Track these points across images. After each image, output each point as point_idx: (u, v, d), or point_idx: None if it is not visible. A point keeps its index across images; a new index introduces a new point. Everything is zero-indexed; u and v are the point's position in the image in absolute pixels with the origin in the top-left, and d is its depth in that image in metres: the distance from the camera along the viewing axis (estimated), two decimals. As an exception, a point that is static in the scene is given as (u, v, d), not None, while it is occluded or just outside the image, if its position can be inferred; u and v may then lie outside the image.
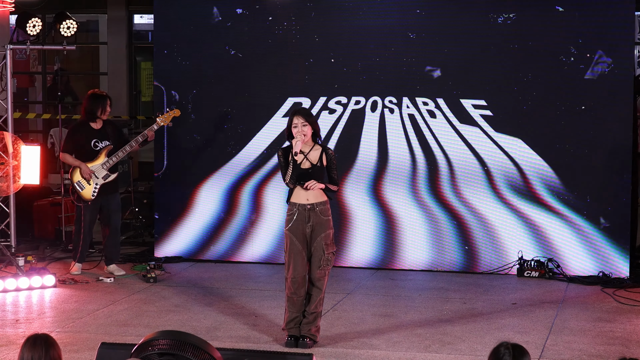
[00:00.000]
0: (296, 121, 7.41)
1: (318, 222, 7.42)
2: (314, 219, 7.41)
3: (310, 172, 7.42)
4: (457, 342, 7.69)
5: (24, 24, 10.25)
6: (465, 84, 10.02)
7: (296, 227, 7.42)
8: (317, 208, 7.42)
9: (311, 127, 7.43)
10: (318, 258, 7.43)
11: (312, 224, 7.41)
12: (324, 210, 7.44)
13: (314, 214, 7.41)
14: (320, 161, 7.46)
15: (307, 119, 7.43)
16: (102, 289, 9.48)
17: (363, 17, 10.21)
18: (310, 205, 7.41)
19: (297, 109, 7.60)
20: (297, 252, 7.44)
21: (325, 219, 7.44)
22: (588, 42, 9.67)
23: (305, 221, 7.42)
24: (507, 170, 9.97)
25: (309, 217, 7.41)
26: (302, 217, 7.42)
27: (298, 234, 7.43)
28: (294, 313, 7.48)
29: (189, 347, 4.70)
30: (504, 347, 4.32)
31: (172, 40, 10.69)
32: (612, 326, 8.12)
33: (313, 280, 7.48)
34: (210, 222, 10.69)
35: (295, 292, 7.45)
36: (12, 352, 7.31)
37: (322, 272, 7.44)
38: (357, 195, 10.34)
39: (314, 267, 7.46)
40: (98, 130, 9.89)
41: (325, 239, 7.42)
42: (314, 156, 7.48)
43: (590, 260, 9.80)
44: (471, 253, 10.11)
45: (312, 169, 7.43)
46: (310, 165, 7.45)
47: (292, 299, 7.46)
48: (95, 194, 9.80)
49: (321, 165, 7.46)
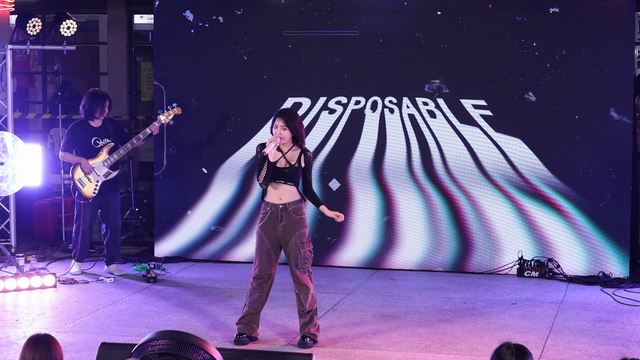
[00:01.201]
0: (277, 123, 7.46)
1: (291, 222, 7.46)
2: (287, 218, 7.46)
3: (286, 171, 7.47)
4: (457, 342, 7.69)
5: (24, 24, 10.26)
6: (465, 84, 10.02)
7: (267, 226, 7.48)
8: (290, 207, 7.46)
9: (290, 131, 7.45)
10: (295, 257, 7.46)
11: (285, 223, 7.46)
12: (296, 210, 7.47)
13: (286, 214, 7.46)
14: (298, 162, 7.49)
15: (287, 123, 7.45)
16: (102, 289, 9.48)
17: (363, 16, 10.21)
18: (283, 205, 7.46)
19: (282, 111, 7.64)
20: (266, 251, 7.51)
21: (298, 218, 7.47)
22: (588, 42, 9.67)
23: (278, 221, 7.46)
24: (506, 170, 9.97)
25: (281, 216, 7.46)
26: (274, 217, 7.47)
27: (269, 233, 7.49)
28: (251, 308, 7.55)
29: (189, 347, 4.70)
30: (506, 348, 4.32)
31: (172, 41, 10.69)
32: (612, 326, 8.13)
33: (296, 280, 7.52)
34: (211, 222, 10.69)
35: (258, 288, 7.54)
36: (12, 352, 7.31)
37: (301, 270, 7.47)
38: (356, 195, 10.33)
39: (293, 267, 7.50)
40: (98, 128, 9.89)
41: (300, 238, 7.45)
42: (293, 156, 7.51)
43: (590, 260, 9.80)
44: (471, 253, 10.11)
45: (288, 169, 7.48)
46: (288, 164, 7.48)
47: (254, 294, 7.54)
48: (96, 191, 9.80)
49: (299, 166, 7.50)
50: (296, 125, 7.49)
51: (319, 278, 9.86)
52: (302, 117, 10.37)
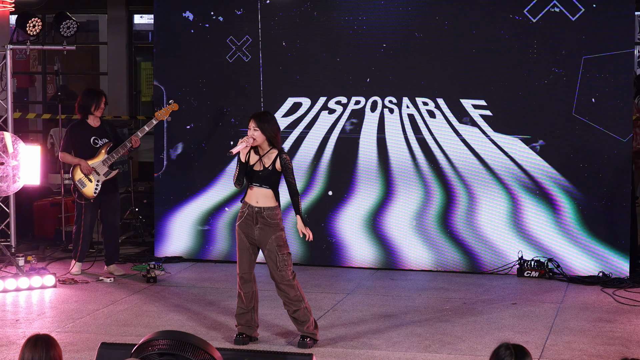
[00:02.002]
0: (250, 124, 7.54)
1: (265, 225, 7.51)
2: (261, 221, 7.52)
3: (261, 174, 7.51)
4: (457, 342, 7.69)
5: (24, 24, 10.25)
6: (465, 84, 10.02)
7: (245, 224, 7.55)
8: (264, 212, 7.51)
9: (262, 133, 7.49)
10: (273, 260, 7.48)
11: (260, 226, 7.52)
12: (271, 215, 7.52)
13: (261, 217, 7.52)
14: (272, 165, 7.52)
15: (259, 125, 7.50)
16: (102, 289, 9.48)
17: (363, 16, 10.21)
18: (258, 208, 7.51)
19: (256, 113, 7.70)
20: (245, 249, 7.57)
21: (273, 222, 7.52)
22: (588, 42, 9.67)
23: (254, 222, 7.53)
24: (506, 170, 9.97)
25: (256, 219, 7.52)
26: (250, 218, 7.55)
27: (247, 231, 7.55)
28: (242, 309, 7.61)
29: (189, 347, 4.70)
30: (504, 348, 4.30)
31: (172, 40, 10.69)
32: (612, 326, 8.12)
33: (276, 284, 7.55)
34: (211, 221, 10.69)
35: (242, 288, 7.59)
36: (12, 352, 7.31)
37: (281, 273, 7.48)
38: (356, 195, 10.33)
39: (273, 270, 7.52)
40: (96, 128, 9.90)
41: (276, 240, 7.49)
42: (268, 159, 7.55)
43: (590, 260, 9.80)
44: (471, 253, 10.11)
45: (262, 171, 7.52)
46: (262, 167, 7.52)
47: (240, 295, 7.62)
48: (97, 191, 9.80)
49: (273, 169, 7.53)
50: (269, 127, 7.52)
51: (319, 278, 9.87)
52: (302, 117, 10.39)
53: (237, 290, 7.66)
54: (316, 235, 10.17)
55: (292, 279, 7.51)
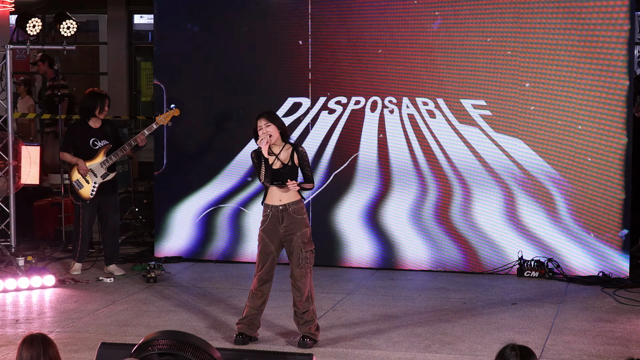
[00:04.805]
0: (260, 124, 7.53)
1: (292, 222, 7.49)
2: (288, 219, 7.49)
3: (282, 172, 7.50)
4: (457, 342, 7.69)
5: (24, 24, 10.26)
6: (465, 84, 10.01)
7: (270, 228, 7.52)
8: (290, 208, 7.49)
9: (276, 126, 7.49)
10: (297, 257, 7.49)
11: (286, 224, 7.49)
12: (297, 210, 7.50)
13: (287, 215, 7.49)
14: (291, 160, 7.53)
15: (270, 120, 7.52)
16: (102, 289, 9.48)
17: (363, 16, 10.21)
18: (283, 206, 7.49)
19: (260, 112, 7.68)
20: (268, 253, 7.55)
21: (299, 218, 7.50)
22: (587, 42, 9.67)
23: (279, 222, 7.50)
24: (506, 170, 9.96)
25: (282, 217, 7.49)
26: (275, 219, 7.51)
27: (271, 235, 7.52)
28: (252, 309, 7.58)
29: (189, 347, 4.70)
30: (510, 349, 4.29)
31: (172, 41, 10.69)
32: (612, 326, 8.12)
33: (294, 280, 7.54)
34: (211, 221, 10.69)
35: (260, 289, 7.57)
36: (12, 352, 7.31)
37: (302, 271, 7.49)
38: (356, 195, 10.33)
39: (294, 267, 7.52)
40: (97, 129, 9.89)
41: (301, 237, 7.48)
42: (285, 156, 7.55)
43: (590, 260, 9.80)
44: (471, 253, 10.11)
45: (283, 168, 7.51)
46: (282, 165, 7.52)
47: (256, 295, 7.58)
48: (93, 192, 9.80)
49: (293, 165, 7.54)
50: (280, 122, 7.58)
51: (319, 278, 9.86)
52: (302, 117, 10.39)
53: (250, 292, 7.62)
54: (316, 235, 10.18)
55: (309, 279, 7.52)
